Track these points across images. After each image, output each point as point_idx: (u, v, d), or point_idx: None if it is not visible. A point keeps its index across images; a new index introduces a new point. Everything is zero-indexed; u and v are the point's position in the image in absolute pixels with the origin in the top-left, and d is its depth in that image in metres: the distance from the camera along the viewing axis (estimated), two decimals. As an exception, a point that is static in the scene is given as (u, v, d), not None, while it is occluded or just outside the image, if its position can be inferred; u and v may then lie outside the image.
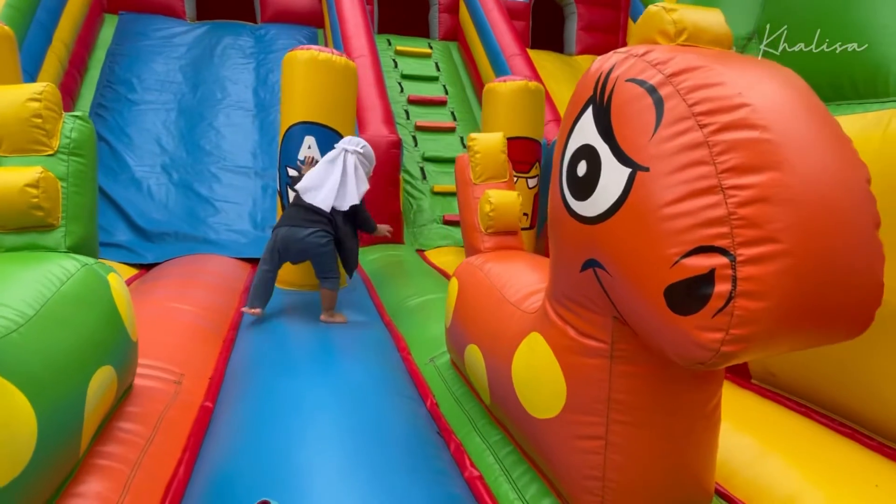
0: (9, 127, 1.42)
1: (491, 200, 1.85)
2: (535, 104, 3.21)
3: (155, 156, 4.56)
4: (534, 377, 1.24)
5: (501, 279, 1.64)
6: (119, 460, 1.36)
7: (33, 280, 1.23)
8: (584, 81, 0.98)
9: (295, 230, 2.42)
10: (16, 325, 1.06)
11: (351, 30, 5.20)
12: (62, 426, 1.08)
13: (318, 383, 1.85)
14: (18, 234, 1.42)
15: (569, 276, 1.07)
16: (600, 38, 7.59)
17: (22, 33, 3.95)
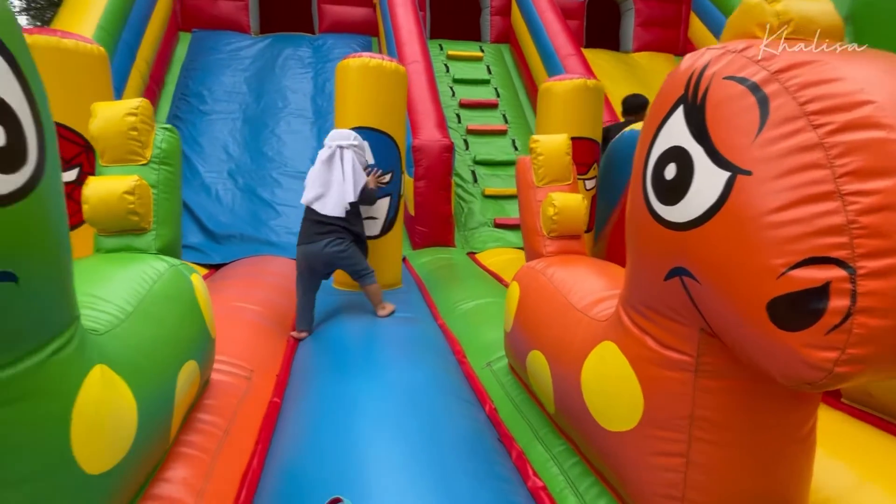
0: (110, 139, 1.55)
1: (555, 203, 1.81)
2: (593, 103, 3.13)
3: (222, 162, 4.84)
4: (606, 388, 1.19)
5: (566, 284, 1.60)
6: (200, 449, 1.44)
7: (130, 279, 1.33)
8: (673, 80, 0.94)
9: (311, 247, 2.42)
10: (118, 320, 1.15)
11: (404, 36, 5.30)
12: (156, 415, 1.16)
13: (378, 383, 1.88)
14: (116, 237, 1.55)
15: (650, 284, 1.02)
16: (659, 33, 7.30)
17: (111, 53, 4.32)
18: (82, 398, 0.86)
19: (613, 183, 3.19)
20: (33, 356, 0.76)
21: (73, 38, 2.61)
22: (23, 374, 0.73)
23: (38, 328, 0.77)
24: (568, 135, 1.99)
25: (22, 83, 0.70)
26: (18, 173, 0.67)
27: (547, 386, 1.51)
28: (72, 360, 0.85)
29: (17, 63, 0.70)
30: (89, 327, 1.04)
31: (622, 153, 3.09)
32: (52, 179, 0.75)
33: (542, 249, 1.91)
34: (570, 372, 1.35)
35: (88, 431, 0.86)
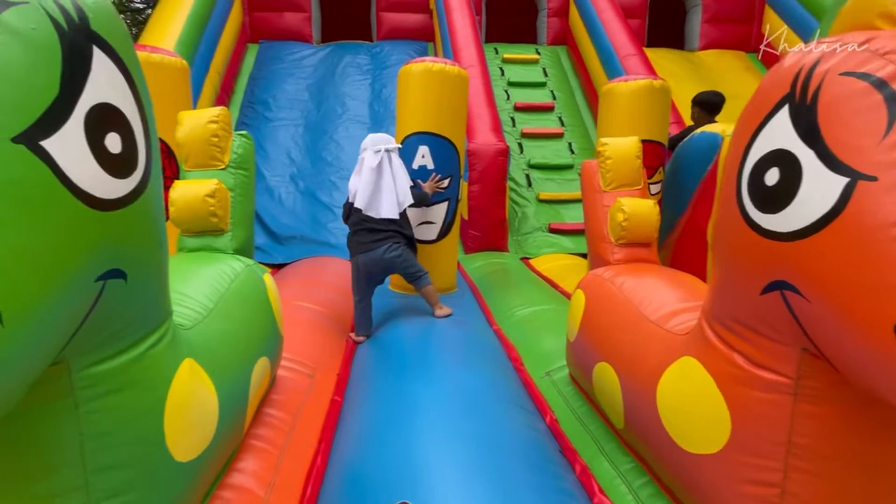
0: (193, 146, 1.65)
1: (624, 209, 1.73)
2: (660, 104, 2.98)
3: (285, 167, 5.07)
4: (687, 407, 1.12)
5: (638, 294, 1.52)
6: (269, 443, 1.50)
7: (211, 278, 1.40)
8: (775, 78, 0.87)
9: (369, 254, 2.44)
10: (201, 316, 1.21)
11: (460, 41, 5.32)
12: (234, 408, 1.21)
13: (435, 387, 1.88)
14: (197, 238, 1.64)
15: (743, 298, 0.95)
16: (729, 30, 6.88)
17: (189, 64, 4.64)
18: (174, 389, 0.91)
19: (681, 188, 3.03)
20: (134, 349, 0.81)
21: (160, 53, 2.82)
22: (125, 366, 0.78)
23: (140, 323, 0.82)
24: (638, 137, 1.91)
25: (135, 95, 0.75)
26: (130, 178, 0.72)
27: (615, 400, 1.44)
28: (166, 353, 0.90)
29: (132, 76, 0.75)
30: (178, 322, 1.10)
31: (691, 157, 2.92)
32: (155, 183, 0.80)
33: (609, 257, 1.83)
34: (644, 387, 1.28)
35: (179, 421, 0.91)
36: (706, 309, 1.10)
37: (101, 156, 0.65)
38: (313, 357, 2.18)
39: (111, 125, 0.68)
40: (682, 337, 1.22)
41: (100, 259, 0.67)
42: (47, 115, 0.58)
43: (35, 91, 0.57)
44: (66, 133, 0.60)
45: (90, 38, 0.66)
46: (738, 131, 0.97)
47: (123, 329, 0.78)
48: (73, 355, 0.71)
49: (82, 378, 0.73)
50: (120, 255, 0.71)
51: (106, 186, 0.66)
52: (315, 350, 2.26)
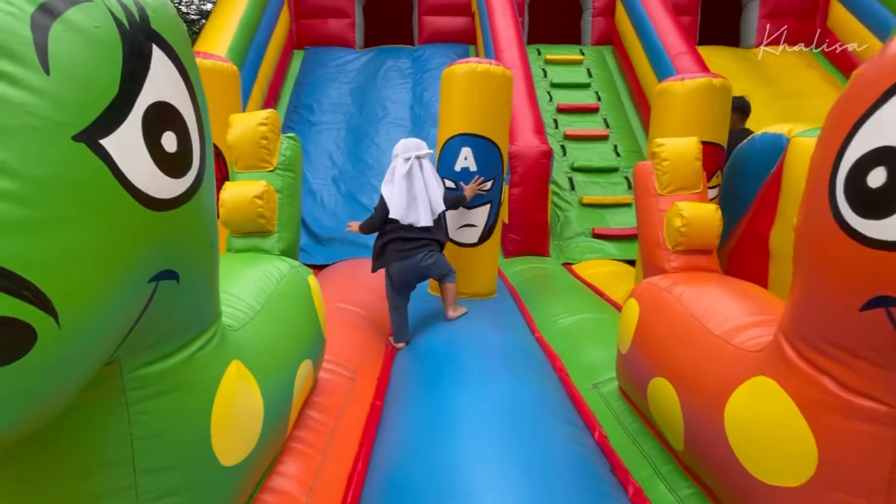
0: (243, 147, 1.68)
1: (683, 214, 1.62)
2: (720, 104, 2.81)
3: (327, 169, 5.16)
4: (762, 432, 1.01)
5: (700, 306, 1.41)
6: (310, 446, 1.49)
7: (258, 278, 1.41)
8: (881, 65, 0.76)
9: (406, 262, 2.42)
10: (248, 317, 1.21)
11: (503, 42, 5.26)
12: (278, 411, 1.20)
13: (477, 395, 1.82)
14: (245, 238, 1.67)
15: (837, 315, 0.84)
16: (790, 24, 6.47)
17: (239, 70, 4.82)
18: (221, 392, 0.90)
19: (740, 192, 2.84)
20: (184, 350, 0.81)
21: (212, 59, 2.92)
22: (174, 368, 0.78)
23: (190, 324, 0.81)
24: (698, 137, 1.79)
25: (191, 94, 0.75)
26: (184, 178, 0.71)
27: (674, 419, 1.34)
28: (215, 354, 0.90)
29: (189, 76, 0.75)
30: (226, 323, 1.10)
31: (752, 159, 2.74)
32: (208, 183, 0.79)
33: (664, 265, 1.72)
34: (709, 408, 1.17)
35: (225, 424, 0.90)
36: (785, 325, 1.00)
37: (157, 155, 0.64)
38: (354, 359, 2.17)
39: (168, 124, 0.67)
40: (754, 354, 1.11)
41: (153, 259, 0.66)
42: (107, 113, 0.57)
43: (96, 89, 0.56)
44: (124, 132, 0.59)
45: (150, 37, 0.65)
46: (829, 127, 0.87)
47: (174, 330, 0.77)
48: (125, 356, 0.71)
49: (133, 379, 0.72)
50: (172, 256, 0.70)
51: (161, 186, 0.65)
52: (356, 352, 2.26)
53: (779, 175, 2.52)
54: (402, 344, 2.50)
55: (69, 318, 0.52)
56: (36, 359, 0.50)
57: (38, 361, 0.50)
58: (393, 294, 2.52)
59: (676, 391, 1.33)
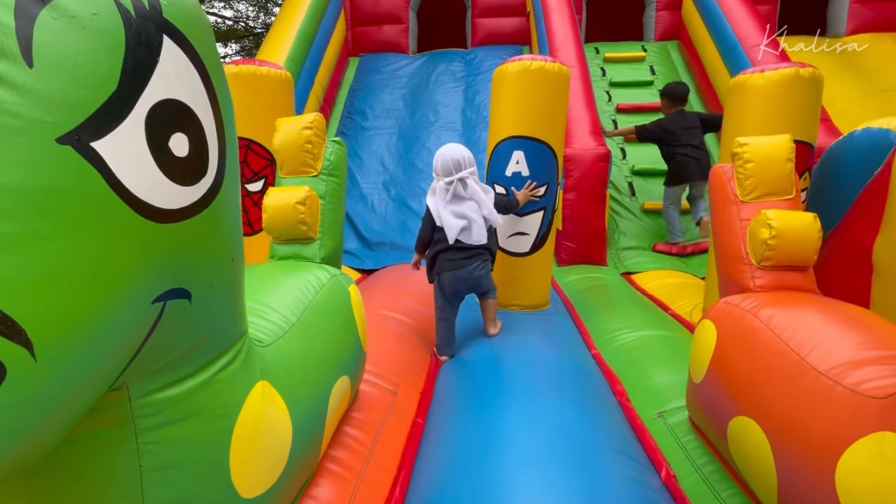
0: (288, 152, 1.64)
1: (772, 224, 1.39)
2: (809, 97, 2.48)
3: (378, 174, 5.18)
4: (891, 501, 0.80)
5: (795, 334, 1.19)
6: (346, 468, 1.40)
7: (296, 288, 1.35)
8: None
9: (459, 272, 2.34)
10: (282, 331, 1.14)
11: (558, 41, 5.05)
12: (309, 435, 1.12)
13: (527, 420, 1.67)
14: (288, 245, 1.62)
15: None
16: (887, 9, 5.76)
17: (296, 78, 4.95)
18: (244, 417, 0.82)
19: (834, 197, 2.49)
20: (202, 373, 0.73)
21: (267, 66, 2.97)
22: (190, 392, 0.71)
23: (208, 345, 0.74)
24: (790, 135, 1.54)
25: (209, 92, 0.67)
26: (198, 185, 0.63)
27: (764, 470, 1.13)
28: (238, 376, 0.82)
29: (208, 72, 0.67)
30: (255, 338, 1.04)
31: (852, 158, 2.38)
32: (230, 191, 0.72)
33: (748, 282, 1.49)
34: (814, 464, 0.96)
35: (247, 453, 0.83)
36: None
37: (163, 159, 0.57)
38: (397, 371, 2.08)
39: (178, 125, 0.60)
40: (877, 402, 0.89)
41: (158, 278, 0.59)
42: (102, 111, 0.50)
43: (89, 84, 0.49)
44: (122, 133, 0.52)
45: (161, 28, 0.58)
46: None
47: (189, 352, 0.70)
48: (133, 381, 0.64)
49: (142, 406, 0.66)
50: (183, 273, 0.63)
51: (168, 194, 0.58)
52: (399, 364, 2.17)
53: (885, 176, 2.17)
54: (446, 357, 2.40)
55: (48, 349, 0.45)
56: (7, 396, 0.43)
57: (11, 398, 0.43)
58: (442, 304, 2.42)
59: (767, 437, 1.12)
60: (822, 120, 4.00)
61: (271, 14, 14.02)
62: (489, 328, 2.49)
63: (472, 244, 2.33)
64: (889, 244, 2.13)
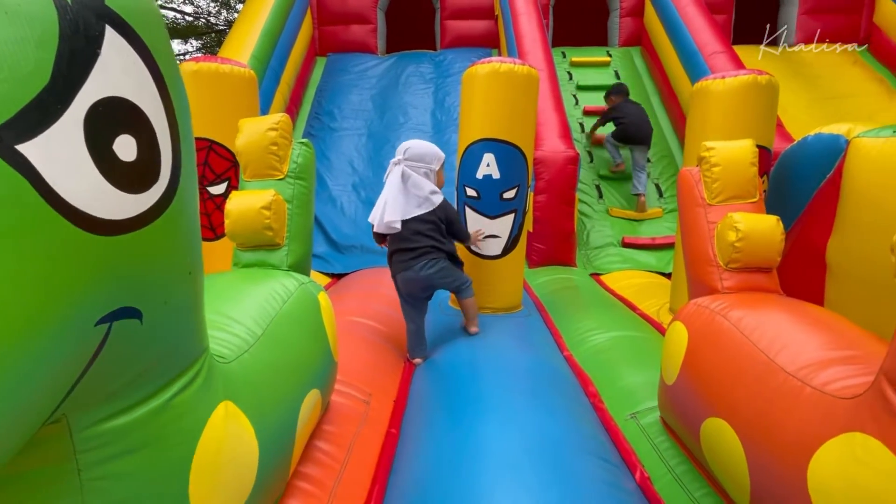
0: (253, 154, 1.56)
1: (739, 227, 1.42)
2: (766, 103, 2.58)
3: (347, 176, 5.08)
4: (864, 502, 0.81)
5: (764, 335, 1.21)
6: (317, 485, 1.34)
7: (261, 298, 1.28)
8: None
9: (406, 273, 2.28)
10: (247, 345, 1.07)
11: (527, 45, 5.11)
12: (277, 455, 1.06)
13: (503, 428, 1.64)
14: (252, 252, 1.54)
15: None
16: (833, 21, 6.12)
17: (260, 78, 4.80)
18: (205, 443, 0.76)
19: (789, 200, 2.59)
20: (155, 398, 0.67)
21: (230, 64, 2.85)
22: (141, 421, 0.64)
23: (162, 367, 0.68)
24: (753, 140, 1.59)
25: (162, 90, 0.61)
26: (149, 192, 0.57)
27: (737, 471, 1.14)
28: (197, 398, 0.76)
29: (159, 68, 0.61)
30: (218, 353, 0.97)
31: (805, 162, 2.49)
32: (186, 199, 0.66)
33: (716, 284, 1.52)
34: (786, 465, 0.97)
35: (208, 482, 0.76)
36: (893, 370, 0.80)
37: (107, 164, 0.51)
38: (369, 379, 2.03)
39: (124, 125, 0.53)
40: (846, 402, 0.91)
41: (103, 297, 0.52)
42: (30, 110, 0.44)
43: (14, 78, 0.43)
44: (56, 134, 0.46)
45: (103, 17, 0.52)
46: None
47: (140, 377, 0.64)
48: (74, 412, 0.57)
49: (86, 438, 0.59)
50: (132, 290, 0.57)
51: (113, 203, 0.52)
52: (370, 372, 2.11)
53: (836, 180, 2.28)
54: (419, 360, 2.35)
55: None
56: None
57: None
58: (404, 306, 2.38)
59: (739, 438, 1.13)
60: (777, 125, 4.20)
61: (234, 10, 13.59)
62: (470, 327, 2.43)
63: (417, 244, 2.26)
64: (841, 244, 2.23)
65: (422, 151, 2.32)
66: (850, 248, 2.16)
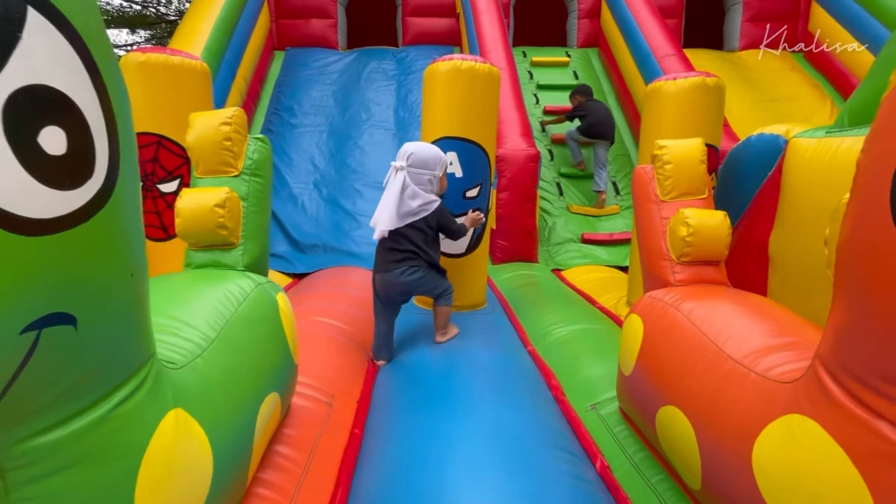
0: (205, 150, 1.49)
1: (689, 222, 1.49)
2: (714, 104, 2.71)
3: (309, 173, 4.96)
4: (804, 483, 0.87)
5: (713, 325, 1.27)
6: (278, 491, 1.30)
7: (215, 300, 1.22)
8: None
9: (386, 275, 2.26)
10: (200, 349, 1.03)
11: (488, 43, 5.14)
12: (234, 463, 1.02)
13: (468, 426, 1.64)
14: (206, 252, 1.48)
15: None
16: (772, 29, 6.50)
17: (214, 71, 4.60)
18: (152, 455, 0.72)
19: (735, 197, 2.74)
20: (94, 409, 0.63)
21: (180, 55, 2.72)
22: (78, 434, 0.60)
23: (101, 376, 0.63)
24: (702, 139, 1.66)
25: (95, 79, 0.57)
26: (82, 189, 0.53)
27: (689, 456, 1.19)
28: (143, 408, 0.72)
29: (92, 56, 0.57)
30: (168, 359, 0.92)
31: (748, 162, 2.64)
32: (126, 196, 0.62)
33: (669, 277, 1.58)
34: (733, 448, 1.03)
35: (156, 497, 0.72)
36: (826, 355, 0.86)
37: (31, 158, 0.47)
38: (332, 381, 1.99)
39: (50, 116, 0.49)
40: (786, 386, 0.97)
41: (29, 302, 0.48)
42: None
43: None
44: (-31, 125, 0.42)
45: None
46: (885, 127, 0.73)
47: (76, 387, 0.59)
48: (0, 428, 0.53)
49: (15, 455, 0.54)
50: (65, 294, 0.53)
51: (39, 201, 0.48)
52: (334, 372, 2.07)
53: (777, 178, 2.42)
54: (383, 361, 2.33)
55: None
56: None
57: None
58: (378, 306, 2.35)
59: (692, 424, 1.19)
60: (724, 126, 4.42)
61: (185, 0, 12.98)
62: (437, 335, 2.38)
63: (402, 248, 2.24)
64: (781, 238, 2.38)
65: (425, 157, 2.25)
66: (789, 242, 2.30)
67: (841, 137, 1.96)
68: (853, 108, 2.19)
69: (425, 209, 2.28)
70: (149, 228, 2.75)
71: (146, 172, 2.69)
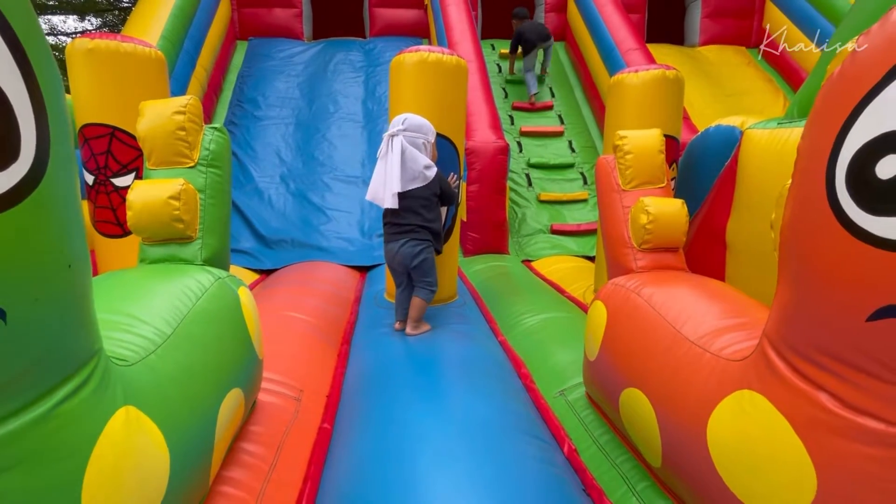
0: (157, 140, 1.43)
1: (649, 210, 1.53)
2: (673, 96, 2.78)
3: (275, 167, 4.84)
4: (751, 453, 0.91)
5: (671, 309, 1.31)
6: (244, 488, 1.28)
7: (171, 295, 1.18)
8: (883, 40, 0.66)
9: (390, 245, 2.32)
10: (154, 345, 0.99)
11: (457, 36, 5.13)
12: (193, 462, 0.99)
13: (439, 416, 1.65)
14: (161, 246, 1.42)
15: (837, 325, 0.74)
16: (729, 24, 6.74)
17: (172, 61, 4.41)
18: (100, 454, 0.69)
19: (694, 187, 2.83)
20: (33, 408, 0.59)
21: (132, 42, 2.59)
22: (16, 435, 0.57)
23: (39, 373, 0.60)
24: (660, 130, 1.70)
25: (19, 59, 0.53)
26: (7, 172, 0.50)
27: (650, 434, 1.24)
28: (89, 405, 0.69)
29: (18, 38, 0.54)
30: (118, 356, 0.88)
31: (706, 152, 2.73)
32: (58, 182, 0.58)
33: (631, 264, 1.62)
34: (690, 424, 1.07)
35: (106, 495, 0.69)
36: (772, 332, 0.90)
37: (-56, 140, 0.44)
38: (301, 375, 1.96)
39: (-33, 96, 0.46)
40: (736, 364, 1.01)
41: (-53, 294, 0.45)
42: None
43: None
44: None
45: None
46: (822, 111, 0.77)
47: (10, 385, 0.56)
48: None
49: (-58, 460, 0.51)
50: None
51: (-45, 186, 0.44)
52: (303, 367, 2.04)
53: (733, 167, 2.51)
54: (399, 324, 2.43)
55: None
56: None
57: None
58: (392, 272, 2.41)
59: (652, 404, 1.23)
60: (684, 118, 4.56)
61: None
62: (408, 326, 2.37)
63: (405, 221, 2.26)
64: (737, 225, 2.47)
65: (420, 122, 2.32)
66: (744, 228, 2.40)
67: (791, 128, 2.05)
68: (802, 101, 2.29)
69: (425, 175, 2.28)
70: (104, 224, 2.63)
71: (99, 165, 2.57)
